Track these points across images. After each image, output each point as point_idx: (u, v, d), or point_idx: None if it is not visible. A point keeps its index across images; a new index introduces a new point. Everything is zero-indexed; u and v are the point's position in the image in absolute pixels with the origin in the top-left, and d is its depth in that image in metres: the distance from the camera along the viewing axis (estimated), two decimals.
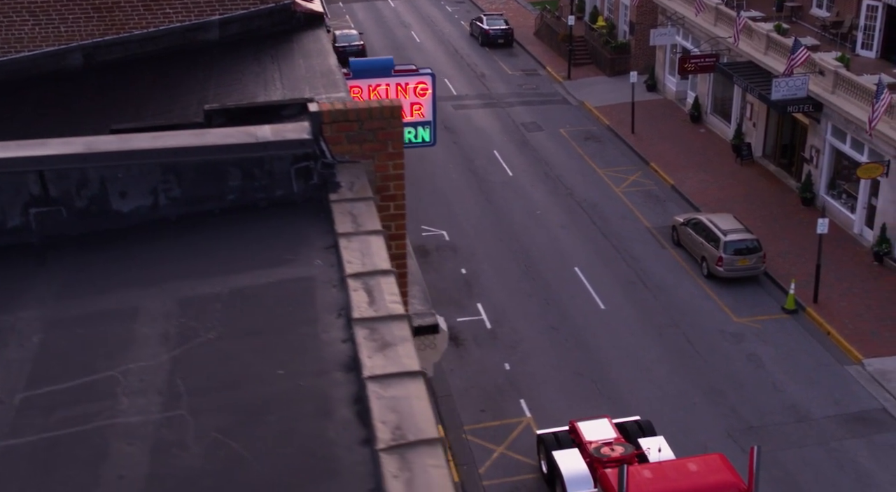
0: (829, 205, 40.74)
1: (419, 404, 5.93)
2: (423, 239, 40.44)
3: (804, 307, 34.69)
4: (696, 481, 21.69)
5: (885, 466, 27.24)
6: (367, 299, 7.16)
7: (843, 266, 37.01)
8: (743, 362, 31.92)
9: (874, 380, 30.83)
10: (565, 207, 43.12)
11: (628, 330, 33.78)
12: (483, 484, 26.84)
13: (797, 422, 29.10)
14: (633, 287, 36.55)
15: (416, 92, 19.76)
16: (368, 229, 8.20)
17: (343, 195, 8.78)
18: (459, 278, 37.36)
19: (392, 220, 9.55)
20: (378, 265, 7.65)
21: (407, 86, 19.66)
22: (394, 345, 6.58)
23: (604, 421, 26.43)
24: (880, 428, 28.76)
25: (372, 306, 7.07)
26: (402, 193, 9.50)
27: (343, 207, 8.58)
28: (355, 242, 7.99)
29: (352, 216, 8.44)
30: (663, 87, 55.85)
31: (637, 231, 40.82)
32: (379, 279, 7.45)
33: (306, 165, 9.04)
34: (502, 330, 33.93)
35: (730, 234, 36.40)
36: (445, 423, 29.26)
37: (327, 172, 9.14)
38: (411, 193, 43.54)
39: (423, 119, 20.05)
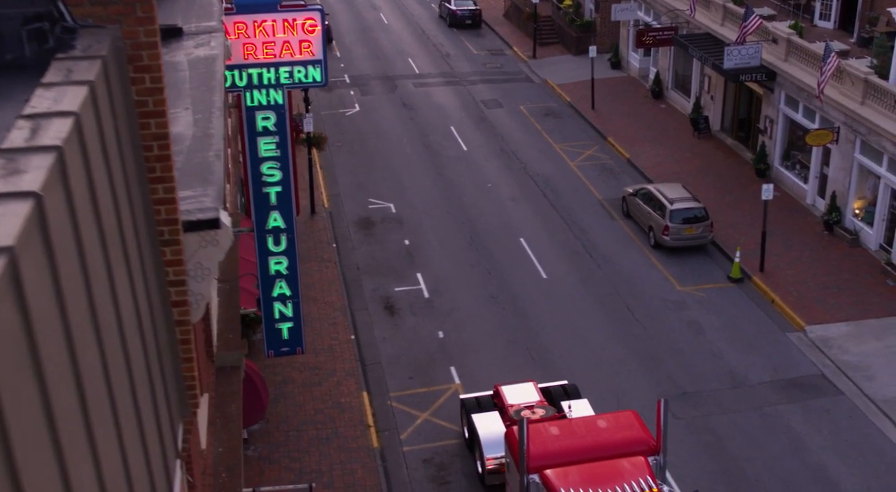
0: (784, 176, 40.00)
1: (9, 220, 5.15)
2: (369, 211, 39.67)
3: (750, 276, 33.92)
4: (603, 437, 20.90)
5: (817, 430, 26.47)
6: (27, 136, 6.37)
7: (793, 236, 36.25)
8: (683, 330, 31.15)
9: (815, 346, 30.07)
10: (517, 181, 42.33)
11: (568, 299, 33.01)
12: (403, 450, 26.06)
13: (733, 388, 28.33)
14: (577, 258, 35.77)
15: (304, 28, 18.99)
16: (75, 80, 7.40)
17: (72, 55, 7.98)
18: (402, 249, 36.57)
19: (149, 95, 8.75)
20: (62, 108, 6.84)
21: (294, 22, 18.90)
22: (23, 172, 5.80)
23: (529, 385, 25.66)
24: (817, 393, 27.99)
25: (27, 141, 6.28)
26: (158, 63, 8.69)
27: (64, 64, 7.79)
28: (53, 91, 7.20)
29: (67, 71, 7.65)
30: (627, 64, 55.07)
31: (588, 203, 40.05)
32: (54, 120, 6.65)
33: (39, 27, 8.26)
34: (440, 300, 33.14)
35: (676, 202, 35.64)
36: (371, 390, 28.48)
37: (67, 36, 8.34)
38: (363, 168, 42.86)
39: (314, 57, 19.27)
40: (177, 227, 9.22)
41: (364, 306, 32.83)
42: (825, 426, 26.60)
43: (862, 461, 25.30)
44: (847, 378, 28.56)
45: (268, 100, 19.48)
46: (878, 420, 26.85)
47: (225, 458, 15.87)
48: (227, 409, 17.08)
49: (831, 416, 27.03)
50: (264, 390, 21.46)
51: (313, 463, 25.21)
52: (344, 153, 45.45)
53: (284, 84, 19.39)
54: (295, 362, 29.40)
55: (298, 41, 18.98)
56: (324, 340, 30.59)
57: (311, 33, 19.03)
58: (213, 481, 15.38)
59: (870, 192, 34.99)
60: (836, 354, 29.61)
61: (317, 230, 37.83)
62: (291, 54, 19.13)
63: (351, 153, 45.45)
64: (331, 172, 43.49)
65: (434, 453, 25.90)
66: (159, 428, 8.97)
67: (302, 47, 19.02)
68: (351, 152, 45.56)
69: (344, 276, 34.67)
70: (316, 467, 25.06)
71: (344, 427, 26.58)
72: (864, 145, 34.57)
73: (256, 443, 25.98)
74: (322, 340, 30.55)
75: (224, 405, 17.16)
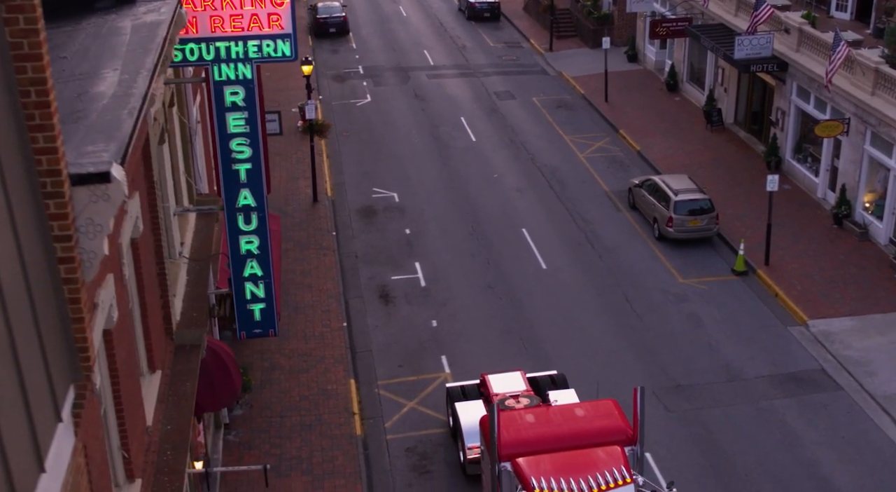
0: (795, 169, 39.14)
1: None
2: (372, 200, 39.25)
3: (754, 269, 33.14)
4: (580, 425, 20.30)
5: (813, 425, 25.71)
6: None
7: (802, 229, 35.42)
8: (681, 322, 30.45)
9: (817, 341, 29.27)
10: (524, 172, 41.75)
11: (567, 290, 32.40)
12: (387, 438, 25.59)
13: (728, 382, 27.61)
14: (580, 249, 35.15)
15: (273, 1, 18.55)
16: None
17: None
18: (402, 238, 36.11)
19: (24, 36, 8.33)
20: None
21: None
22: None
23: (516, 375, 25.10)
24: (815, 388, 27.22)
25: None
26: (33, 3, 8.27)
27: None
28: None
29: None
30: (643, 57, 54.29)
31: (594, 195, 39.39)
32: None
33: None
34: (436, 288, 32.64)
35: (681, 193, 34.91)
36: (359, 378, 28.03)
37: None
38: (369, 157, 42.48)
39: (283, 31, 18.81)
40: (60, 178, 8.79)
41: (359, 294, 32.40)
42: (822, 422, 25.84)
43: (858, 458, 24.52)
44: (847, 373, 27.76)
45: (236, 74, 19.07)
46: (878, 416, 26.04)
47: (172, 436, 15.48)
48: (182, 387, 16.70)
49: (829, 411, 26.26)
50: (236, 373, 21.05)
51: (294, 449, 24.80)
52: (352, 143, 45.07)
53: (253, 58, 18.97)
54: (284, 349, 29.03)
55: (267, 14, 18.55)
56: (315, 327, 30.19)
57: (279, 6, 18.59)
58: (156, 458, 14.99)
59: (880, 185, 34.09)
60: (838, 348, 28.80)
61: (318, 218, 37.45)
62: (260, 28, 18.70)
63: (359, 143, 45.05)
64: (337, 160, 43.11)
65: (418, 442, 25.41)
66: (40, 389, 8.56)
67: (271, 20, 18.59)
68: (359, 142, 45.16)
69: (341, 264, 34.26)
70: (296, 454, 24.65)
71: (328, 414, 26.15)
72: (874, 137, 33.68)
73: (238, 428, 25.61)
74: (314, 327, 30.15)
75: (178, 383, 16.78)
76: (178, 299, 19.04)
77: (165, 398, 16.33)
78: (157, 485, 14.56)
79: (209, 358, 20.91)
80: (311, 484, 23.55)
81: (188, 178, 22.34)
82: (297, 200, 38.97)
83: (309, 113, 38.01)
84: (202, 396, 20.84)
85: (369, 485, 23.79)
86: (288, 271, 33.29)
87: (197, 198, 22.84)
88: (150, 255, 16.83)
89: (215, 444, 24.28)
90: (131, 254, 15.49)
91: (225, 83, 19.08)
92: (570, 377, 27.22)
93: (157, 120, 18.15)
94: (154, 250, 17.09)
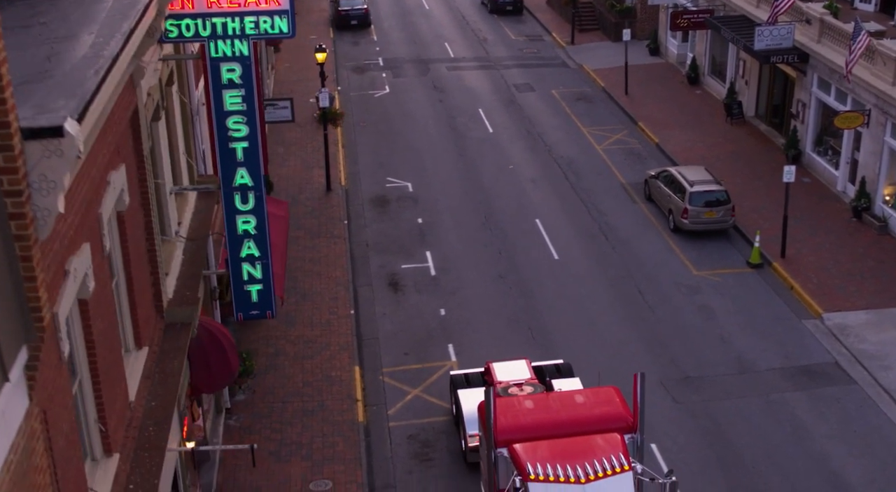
0: (815, 162, 38.49)
1: None
2: (385, 190, 38.99)
3: (770, 261, 32.58)
4: (579, 412, 19.90)
5: (825, 419, 25.17)
6: None
7: (820, 222, 34.80)
8: (693, 314, 29.96)
9: (831, 334, 28.70)
10: (540, 163, 41.33)
11: (578, 280, 31.98)
12: (389, 425, 25.31)
13: (739, 374, 27.11)
14: (593, 240, 34.71)
15: None
16: None
17: None
18: (414, 228, 35.81)
19: None
20: None
21: None
22: None
23: (521, 363, 24.73)
24: (827, 382, 26.66)
25: None
26: None
27: None
28: None
29: None
30: (665, 50, 53.71)
31: (610, 187, 38.92)
32: None
33: None
34: (446, 278, 32.32)
35: (696, 184, 34.39)
36: (364, 365, 27.76)
37: None
38: (385, 148, 42.26)
39: (280, 7, 18.53)
40: (10, 131, 8.53)
41: (368, 283, 32.13)
42: (833, 415, 25.29)
43: (869, 452, 23.97)
44: (862, 367, 27.19)
45: (233, 51, 18.82)
46: (891, 411, 25.47)
47: (156, 412, 15.25)
48: (169, 364, 16.48)
49: (841, 405, 25.70)
50: (233, 355, 20.82)
51: (294, 434, 24.55)
52: (368, 133, 44.82)
53: (250, 34, 18.72)
54: (289, 335, 28.81)
55: None
56: (322, 314, 29.95)
57: None
58: (138, 433, 14.76)
59: None
60: (853, 342, 28.23)
61: (330, 207, 37.23)
62: (257, 3, 18.45)
63: (375, 133, 44.80)
64: (352, 150, 42.88)
65: (420, 430, 25.10)
66: None
67: None
68: (375, 132, 44.91)
69: (352, 252, 34.00)
70: (297, 439, 24.40)
71: (331, 401, 25.89)
72: (895, 128, 33.01)
73: (239, 413, 25.41)
74: (320, 314, 29.91)
75: (166, 361, 16.56)
76: (171, 278, 18.84)
77: (152, 375, 16.11)
78: (137, 460, 14.34)
79: (206, 339, 20.71)
80: (311, 469, 23.30)
81: (189, 159, 22.14)
82: (310, 188, 38.77)
83: (322, 101, 37.78)
84: (198, 377, 20.65)
85: (369, 471, 23.50)
86: (297, 259, 33.08)
87: (198, 178, 22.64)
88: (140, 230, 16.62)
89: (215, 428, 24.08)
90: (116, 227, 15.29)
91: (221, 60, 18.84)
92: (578, 367, 26.83)
93: (152, 96, 17.95)
94: (144, 226, 16.88)
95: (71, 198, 11.89)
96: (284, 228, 28.41)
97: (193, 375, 20.60)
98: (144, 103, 17.15)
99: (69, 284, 11.88)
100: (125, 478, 13.89)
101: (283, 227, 28.26)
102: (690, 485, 22.87)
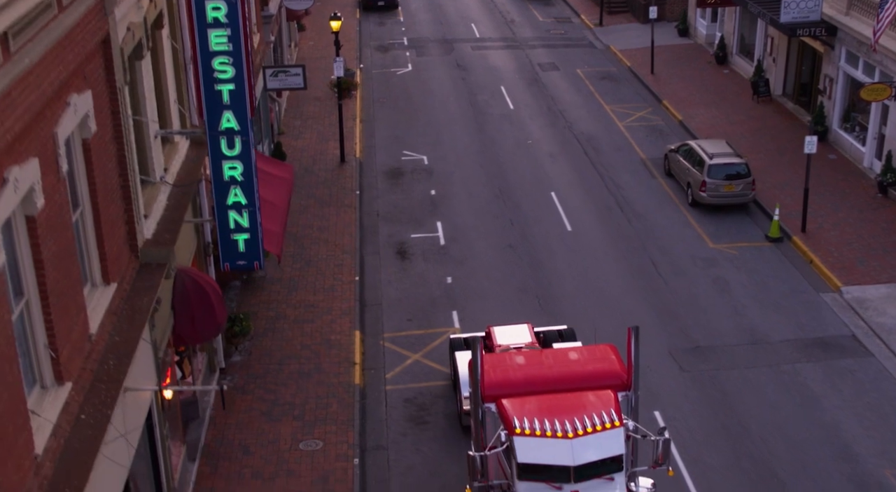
0: (842, 139, 37.39)
1: None
2: (401, 163, 38.40)
3: (790, 235, 31.59)
4: (571, 368, 19.14)
5: (837, 390, 24.21)
6: None
7: (844, 198, 33.73)
8: (707, 286, 29.07)
9: (850, 307, 27.70)
10: (560, 139, 40.55)
11: (590, 251, 31.20)
12: (386, 388, 24.70)
13: (750, 344, 26.20)
14: (608, 212, 33.89)
15: None
16: None
17: None
18: (426, 199, 35.19)
19: None
20: None
21: None
22: None
23: (523, 327, 23.99)
24: (842, 354, 25.69)
25: None
26: None
27: None
28: None
29: None
30: (694, 31, 52.68)
31: (630, 162, 38.06)
32: None
33: None
34: (455, 247, 31.66)
35: (716, 157, 33.45)
36: (365, 330, 27.17)
37: None
38: (404, 123, 41.75)
39: None
40: None
41: (376, 251, 31.55)
42: (846, 387, 24.33)
43: (882, 424, 22.99)
44: (880, 340, 26.18)
45: None
46: None
47: (119, 347, 14.75)
48: (138, 302, 15.97)
49: (855, 377, 24.73)
50: (220, 308, 20.32)
51: (288, 396, 24.01)
52: (387, 109, 44.27)
53: None
54: (291, 300, 28.29)
55: None
56: (326, 280, 29.41)
57: None
58: (97, 366, 14.25)
59: None
60: (872, 315, 27.22)
61: (342, 177, 36.69)
62: None
63: (394, 109, 44.23)
64: (370, 125, 42.34)
65: (418, 394, 24.46)
66: None
67: None
68: (394, 108, 44.34)
69: (361, 221, 33.44)
70: (290, 400, 23.86)
71: (328, 364, 25.33)
72: None
73: (234, 374, 24.91)
74: (324, 280, 29.37)
75: (135, 298, 16.05)
76: (152, 221, 18.33)
77: (118, 311, 15.60)
78: (93, 391, 13.82)
79: (192, 290, 20.26)
80: (301, 429, 22.75)
81: (181, 107, 21.65)
82: (324, 160, 38.27)
83: (337, 70, 37.24)
84: (182, 327, 20.19)
85: (361, 432, 22.90)
86: (305, 227, 32.58)
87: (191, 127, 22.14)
88: (112, 164, 16.12)
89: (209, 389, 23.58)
90: (81, 154, 14.81)
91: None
92: (583, 335, 26.08)
93: (133, 32, 17.45)
94: (117, 160, 16.38)
95: (10, 102, 11.39)
96: (287, 189, 27.89)
97: (177, 324, 20.14)
98: (122, 37, 16.65)
99: (7, 193, 11.38)
100: (77, 408, 13.37)
101: (285, 188, 27.75)
102: (695, 453, 22.05)
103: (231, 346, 25.60)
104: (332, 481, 21.16)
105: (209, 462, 21.72)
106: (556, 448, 17.48)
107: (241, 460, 21.81)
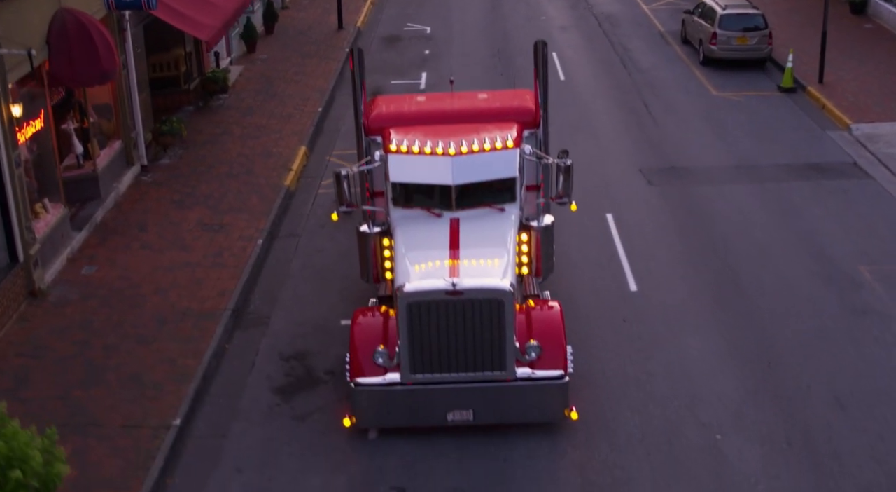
0: (882, 9, 34.05)
1: None
2: (402, 32, 36.26)
3: (804, 86, 28.48)
4: (476, 105, 16.62)
5: (822, 204, 21.23)
6: None
7: (871, 54, 30.51)
8: (699, 123, 26.24)
9: (857, 142, 24.58)
10: (575, 16, 37.91)
11: (578, 95, 28.55)
12: (319, 191, 22.54)
13: (734, 167, 23.31)
14: (610, 67, 31.19)
15: None
16: None
17: None
18: (417, 56, 32.93)
19: None
20: None
21: None
22: None
23: None
24: (837, 176, 22.66)
25: None
26: None
27: None
28: None
29: None
30: None
31: (646, 34, 35.23)
32: None
33: None
34: (434, 90, 29.28)
35: (729, 7, 30.48)
36: (314, 148, 25.03)
37: None
38: (414, 1, 39.69)
39: None
40: None
41: (350, 92, 29.32)
42: (835, 202, 21.30)
43: (868, 232, 19.89)
44: (885, 168, 23.07)
45: None
46: None
47: None
48: None
49: (849, 195, 21.68)
50: (106, 52, 18.40)
51: (207, 190, 21.95)
52: None
53: None
54: (243, 122, 26.27)
55: None
56: (286, 108, 27.33)
57: None
58: None
59: None
60: (880, 147, 24.09)
61: (335, 39, 34.61)
62: None
63: None
64: (381, 5, 40.23)
65: None
66: None
67: None
68: None
69: (342, 71, 31.27)
70: (207, 192, 21.81)
71: (262, 168, 23.21)
72: None
73: (157, 172, 22.95)
74: (284, 108, 27.30)
75: None
76: None
77: None
78: None
79: (73, 30, 18.43)
80: (210, 215, 20.65)
81: None
82: (321, 27, 36.23)
83: None
84: (58, 65, 18.35)
85: (277, 223, 20.71)
86: (281, 71, 30.57)
87: None
88: None
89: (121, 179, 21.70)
90: None
91: None
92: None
93: None
94: None
95: None
96: None
97: (53, 61, 18.29)
98: None
99: None
100: None
101: None
102: (643, 251, 19.32)
103: (160, 147, 23.68)
104: (226, 256, 19.03)
105: (98, 234, 19.80)
106: (436, 166, 15.05)
107: (134, 236, 19.83)
